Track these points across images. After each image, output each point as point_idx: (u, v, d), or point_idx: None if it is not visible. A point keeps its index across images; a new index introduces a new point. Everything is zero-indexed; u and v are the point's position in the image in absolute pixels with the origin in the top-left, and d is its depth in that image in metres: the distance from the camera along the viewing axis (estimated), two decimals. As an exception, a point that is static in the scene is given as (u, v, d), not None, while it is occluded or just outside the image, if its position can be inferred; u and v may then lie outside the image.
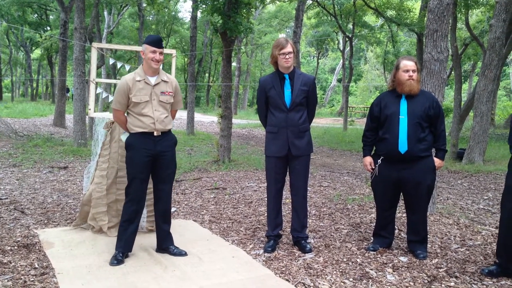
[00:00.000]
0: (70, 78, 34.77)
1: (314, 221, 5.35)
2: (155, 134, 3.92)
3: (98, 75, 23.23)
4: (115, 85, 27.36)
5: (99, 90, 5.34)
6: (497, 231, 4.99)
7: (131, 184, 3.92)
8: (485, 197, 7.01)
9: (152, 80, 3.95)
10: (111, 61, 6.04)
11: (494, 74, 10.20)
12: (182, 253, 4.07)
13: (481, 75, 10.50)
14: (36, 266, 3.73)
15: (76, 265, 3.77)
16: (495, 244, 4.54)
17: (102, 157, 4.60)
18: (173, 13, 34.92)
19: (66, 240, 4.41)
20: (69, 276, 3.54)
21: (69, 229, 4.78)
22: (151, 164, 3.94)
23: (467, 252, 4.35)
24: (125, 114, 4.01)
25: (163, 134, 3.98)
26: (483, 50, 13.12)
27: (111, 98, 5.78)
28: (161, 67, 4.13)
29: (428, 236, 4.41)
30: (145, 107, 3.89)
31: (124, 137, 4.07)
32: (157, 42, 3.90)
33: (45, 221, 5.06)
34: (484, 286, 3.56)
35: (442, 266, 3.95)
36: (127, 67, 5.89)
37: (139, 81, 3.90)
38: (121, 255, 3.87)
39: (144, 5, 23.35)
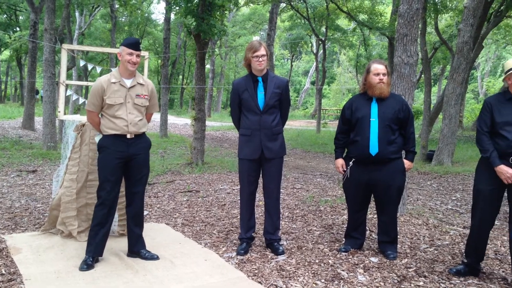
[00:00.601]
0: (40, 80, 34.04)
1: (287, 223, 5.37)
2: (128, 136, 3.87)
3: (69, 77, 22.87)
4: (86, 87, 26.97)
5: (69, 92, 5.26)
6: (464, 231, 5.11)
7: (102, 186, 3.86)
8: (453, 198, 7.17)
9: (128, 82, 3.92)
10: (82, 63, 5.95)
11: (462, 78, 10.44)
12: (154, 257, 4.03)
13: (449, 79, 10.74)
14: (3, 272, 3.64)
15: (44, 271, 3.69)
16: (462, 244, 4.65)
17: (72, 160, 4.52)
18: (146, 14, 34.59)
19: (34, 245, 4.31)
20: (37, 282, 3.46)
21: (37, 234, 4.67)
22: (123, 166, 3.90)
23: (436, 252, 4.45)
24: (99, 116, 3.96)
25: (137, 136, 3.94)
26: (452, 54, 13.43)
27: (81, 100, 5.70)
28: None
29: (398, 236, 4.49)
30: (119, 109, 3.85)
31: (97, 138, 4.02)
32: (134, 45, 3.87)
33: (13, 226, 4.94)
34: (452, 285, 3.64)
35: (412, 266, 4.02)
36: (99, 69, 5.81)
37: (114, 83, 3.86)
38: (91, 259, 3.81)
39: (117, 6, 23.08)
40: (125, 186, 4.05)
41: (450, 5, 16.42)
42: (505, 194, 3.70)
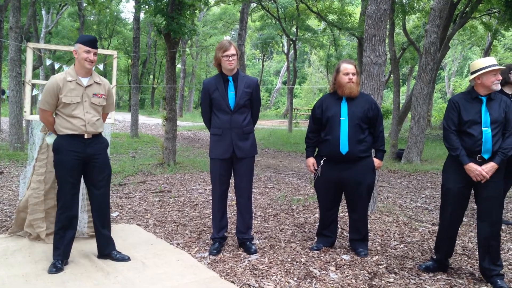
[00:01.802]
0: (6, 80, 33.20)
1: (259, 222, 5.38)
2: (85, 136, 3.78)
3: (36, 76, 22.36)
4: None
5: (35, 92, 5.13)
6: (433, 227, 5.23)
7: (61, 189, 3.76)
8: (422, 195, 7.31)
9: (84, 81, 3.83)
10: (49, 62, 5.82)
11: (429, 78, 10.66)
12: (125, 258, 3.98)
13: (417, 78, 10.95)
14: (-32, 277, 3.53)
15: (12, 274, 3.60)
16: (431, 240, 4.75)
17: (39, 161, 4.42)
18: (115, 13, 34.13)
19: (1, 248, 4.19)
20: (4, 286, 3.37)
21: (4, 236, 4.55)
22: (81, 167, 3.80)
23: (406, 248, 4.53)
24: (53, 115, 3.85)
25: (94, 137, 3.85)
26: (419, 54, 13.69)
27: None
28: (102, 68, 4.02)
29: (369, 234, 4.55)
30: (76, 108, 3.76)
31: (49, 139, 3.90)
32: (91, 42, 3.78)
33: (-22, 230, 4.80)
34: (422, 281, 3.72)
35: (382, 262, 4.09)
36: (66, 68, 5.69)
37: (70, 81, 3.76)
38: (60, 262, 3.73)
39: (85, 4, 22.66)
40: (87, 188, 3.97)
41: (417, 6, 16.76)
42: (472, 191, 3.79)
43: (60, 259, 3.75)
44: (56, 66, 5.73)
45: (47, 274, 3.62)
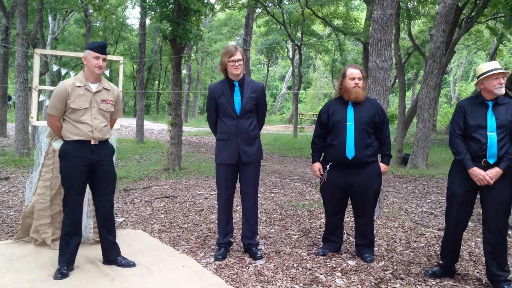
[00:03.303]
0: (12, 86, 33.39)
1: (264, 227, 5.37)
2: (92, 142, 3.79)
3: (43, 82, 22.48)
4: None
5: (42, 98, 5.16)
6: (439, 233, 5.19)
7: (67, 195, 3.77)
8: (428, 200, 7.28)
9: (93, 87, 3.84)
10: (55, 68, 5.86)
11: (435, 82, 10.64)
12: (130, 264, 3.97)
13: (423, 83, 10.92)
14: (-26, 282, 3.54)
15: (17, 280, 3.60)
16: (437, 245, 4.72)
17: (46, 167, 4.43)
18: (121, 19, 34.31)
19: (7, 254, 4.20)
20: (10, 292, 3.38)
21: (10, 242, 4.56)
22: (87, 173, 3.80)
23: (412, 254, 4.50)
24: (61, 121, 3.86)
25: (101, 143, 3.85)
26: (425, 59, 13.67)
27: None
28: (108, 73, 4.03)
29: (375, 239, 4.53)
30: (84, 114, 3.77)
31: (56, 144, 3.91)
32: (101, 48, 3.80)
33: (-16, 235, 4.82)
34: (428, 287, 3.69)
35: (389, 268, 4.06)
36: (72, 74, 5.72)
37: (79, 87, 3.77)
38: (65, 268, 3.73)
39: (91, 11, 22.81)
40: (93, 195, 3.97)
41: (423, 11, 16.76)
42: (478, 196, 3.77)
43: (66, 265, 3.75)
44: (63, 72, 5.76)
45: (53, 280, 3.62)
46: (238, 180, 4.37)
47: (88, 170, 3.79)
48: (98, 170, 3.84)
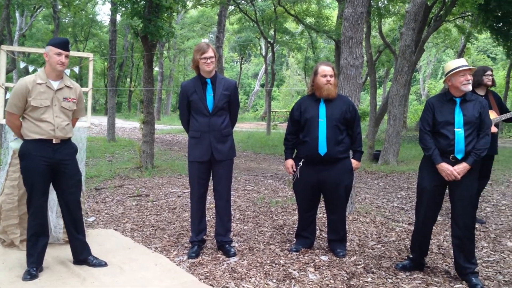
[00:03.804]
0: (-22, 83, 32.44)
1: (238, 224, 5.37)
2: (54, 141, 3.69)
3: (10, 79, 21.90)
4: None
5: (8, 95, 5.03)
6: (409, 227, 5.29)
7: (30, 196, 3.67)
8: (399, 196, 7.40)
9: (55, 84, 3.75)
10: (23, 65, 5.72)
11: (405, 80, 10.81)
12: (101, 264, 3.91)
13: (393, 81, 11.09)
14: None
15: (-16, 282, 3.52)
16: (408, 239, 4.81)
17: (13, 166, 4.32)
18: (91, 16, 33.71)
19: (-27, 256, 4.10)
20: (-24, 295, 3.29)
21: (-24, 244, 4.44)
22: (50, 173, 3.71)
23: (383, 248, 4.58)
24: (20, 119, 3.76)
25: (63, 142, 3.76)
26: (395, 57, 13.89)
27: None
28: (68, 72, 3.94)
29: (347, 234, 4.59)
30: (45, 112, 3.67)
31: (14, 144, 3.81)
32: (63, 44, 3.70)
33: (-51, 237, 4.67)
34: (399, 280, 3.76)
35: (360, 263, 4.12)
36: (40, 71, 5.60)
37: (40, 84, 3.67)
38: (34, 269, 3.65)
39: (60, 7, 22.33)
40: (58, 195, 3.88)
41: (393, 9, 17.01)
42: (447, 190, 3.85)
43: (35, 266, 3.67)
44: (30, 69, 5.61)
45: (22, 282, 3.54)
46: (211, 177, 4.36)
47: (50, 169, 3.70)
48: (61, 169, 3.75)
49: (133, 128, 23.34)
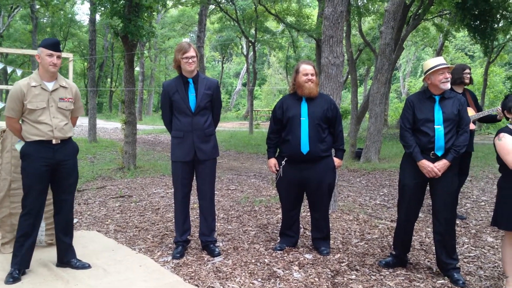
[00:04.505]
0: (-46, 84, 31.81)
1: (222, 224, 5.37)
2: (53, 142, 3.70)
3: (-13, 80, 21.51)
4: (7, 91, 25.51)
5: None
6: (392, 224, 5.36)
7: (28, 196, 3.66)
8: (381, 193, 7.49)
9: (50, 85, 3.74)
10: (1, 66, 5.63)
11: (385, 78, 10.92)
12: (85, 266, 3.89)
13: (374, 79, 11.19)
14: None
15: (-35, 288, 3.46)
16: (390, 236, 4.87)
17: (-7, 169, 4.26)
18: (70, 15, 33.28)
19: (-47, 261, 4.02)
20: (-43, 300, 3.24)
21: (-44, 248, 4.36)
22: (49, 174, 3.72)
23: (366, 245, 4.63)
24: (20, 122, 3.76)
25: (63, 142, 3.77)
26: (375, 56, 13.99)
27: (1, 105, 5.39)
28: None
29: (330, 232, 4.62)
30: (42, 114, 3.67)
31: (18, 146, 3.81)
32: (54, 45, 3.70)
33: None
34: (382, 277, 3.81)
35: (344, 260, 4.16)
36: (19, 72, 5.53)
37: (34, 86, 3.66)
38: (17, 272, 3.61)
39: (38, 7, 22.00)
40: (53, 194, 3.88)
41: (372, 8, 17.15)
42: (428, 187, 3.91)
43: (18, 268, 3.63)
44: (9, 70, 5.54)
45: (4, 285, 3.50)
46: (194, 177, 4.35)
47: (50, 170, 3.71)
48: (61, 169, 3.76)
49: (114, 129, 23.13)
